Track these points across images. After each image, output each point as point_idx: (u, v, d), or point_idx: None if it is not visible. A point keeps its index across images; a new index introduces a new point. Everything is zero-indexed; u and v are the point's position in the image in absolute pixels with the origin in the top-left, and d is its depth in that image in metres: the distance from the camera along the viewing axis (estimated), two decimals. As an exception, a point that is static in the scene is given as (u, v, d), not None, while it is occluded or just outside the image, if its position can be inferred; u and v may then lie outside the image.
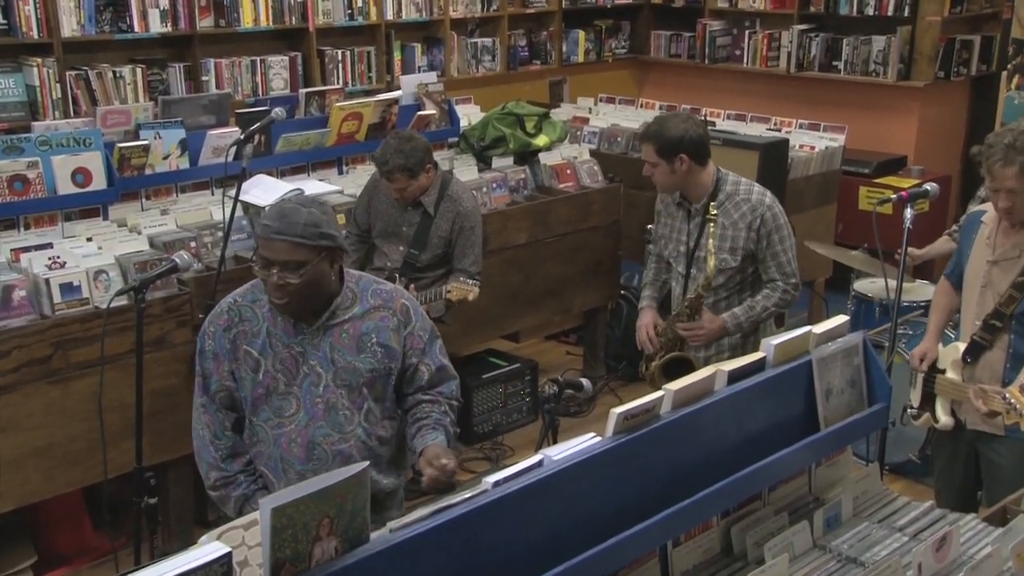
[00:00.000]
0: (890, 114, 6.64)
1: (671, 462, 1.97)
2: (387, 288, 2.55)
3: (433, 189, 4.05)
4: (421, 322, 2.54)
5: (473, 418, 4.77)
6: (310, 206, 2.40)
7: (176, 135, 4.22)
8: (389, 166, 3.88)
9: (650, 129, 3.40)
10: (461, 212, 4.04)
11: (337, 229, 2.43)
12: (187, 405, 3.71)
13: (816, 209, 5.61)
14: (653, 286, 3.74)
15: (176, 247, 3.82)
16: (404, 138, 3.93)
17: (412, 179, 3.92)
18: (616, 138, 5.95)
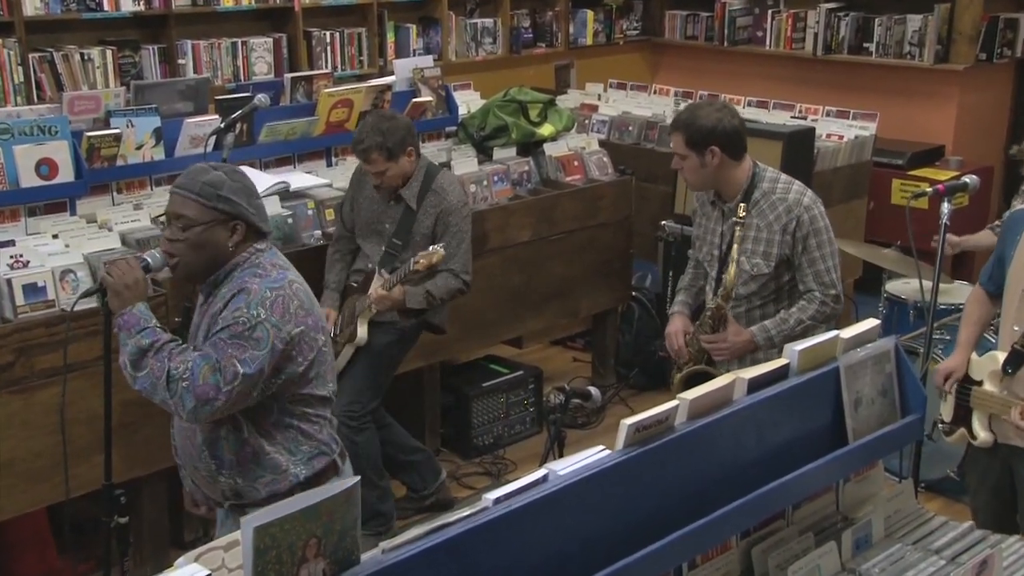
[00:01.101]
0: (926, 100, 6.65)
1: (686, 478, 1.98)
2: (256, 278, 2.59)
3: (415, 180, 4.02)
4: (234, 313, 2.54)
5: (472, 430, 4.77)
6: (223, 171, 2.63)
7: (150, 123, 4.23)
8: (365, 144, 3.86)
9: (680, 117, 3.38)
10: (446, 207, 4.00)
11: (249, 202, 2.61)
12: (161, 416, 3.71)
13: (845, 204, 5.61)
14: (688, 291, 3.69)
15: (150, 245, 3.83)
16: (384, 116, 3.92)
17: (391, 160, 3.89)
18: (627, 127, 5.95)
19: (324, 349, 2.69)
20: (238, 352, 2.53)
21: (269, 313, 2.54)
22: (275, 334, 2.54)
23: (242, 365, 2.52)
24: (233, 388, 2.53)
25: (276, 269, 2.63)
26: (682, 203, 5.28)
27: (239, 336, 2.53)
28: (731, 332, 3.40)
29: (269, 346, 2.54)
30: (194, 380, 2.53)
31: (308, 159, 4.80)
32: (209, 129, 4.12)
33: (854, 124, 5.79)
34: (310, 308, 2.64)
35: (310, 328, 2.61)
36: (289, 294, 2.59)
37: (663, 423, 1.94)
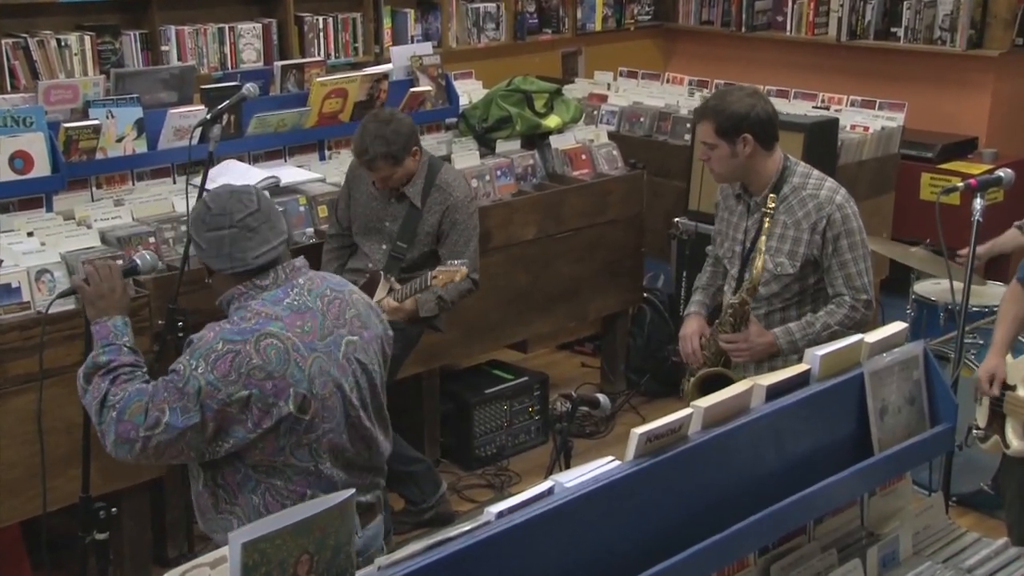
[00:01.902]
0: (958, 89, 6.64)
1: (701, 490, 1.98)
2: (225, 323, 2.52)
3: (419, 177, 4.04)
4: (180, 359, 2.50)
5: (474, 440, 4.78)
6: (198, 202, 2.66)
7: (131, 114, 4.24)
8: (370, 154, 3.89)
9: (709, 104, 3.37)
10: (452, 204, 4.03)
11: (198, 234, 2.57)
12: (144, 425, 3.72)
13: (871, 199, 5.61)
14: (706, 291, 3.69)
15: (132, 243, 3.84)
16: (383, 120, 3.93)
17: (396, 166, 3.93)
18: (639, 118, 5.96)
19: (303, 417, 2.49)
20: (173, 399, 2.43)
21: (208, 369, 2.42)
22: (208, 392, 2.41)
23: (170, 414, 2.42)
24: (153, 435, 2.43)
25: (258, 317, 2.49)
26: (696, 199, 5.28)
27: (174, 384, 2.44)
28: (753, 332, 3.39)
29: (198, 403, 2.42)
30: (121, 414, 2.46)
31: (299, 152, 4.81)
32: (194, 120, 4.13)
33: (880, 114, 5.78)
34: (276, 371, 2.44)
35: (267, 394, 2.43)
36: (247, 352, 2.43)
37: (676, 432, 1.94)
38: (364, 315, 2.69)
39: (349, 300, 2.67)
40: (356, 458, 2.65)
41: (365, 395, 2.65)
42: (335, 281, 2.72)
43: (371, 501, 2.72)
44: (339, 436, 2.58)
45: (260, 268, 2.55)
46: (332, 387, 2.54)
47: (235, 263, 2.54)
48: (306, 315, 2.55)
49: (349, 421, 2.60)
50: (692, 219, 5.29)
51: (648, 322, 5.46)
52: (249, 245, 2.54)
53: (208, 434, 2.46)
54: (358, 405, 2.62)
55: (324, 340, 2.55)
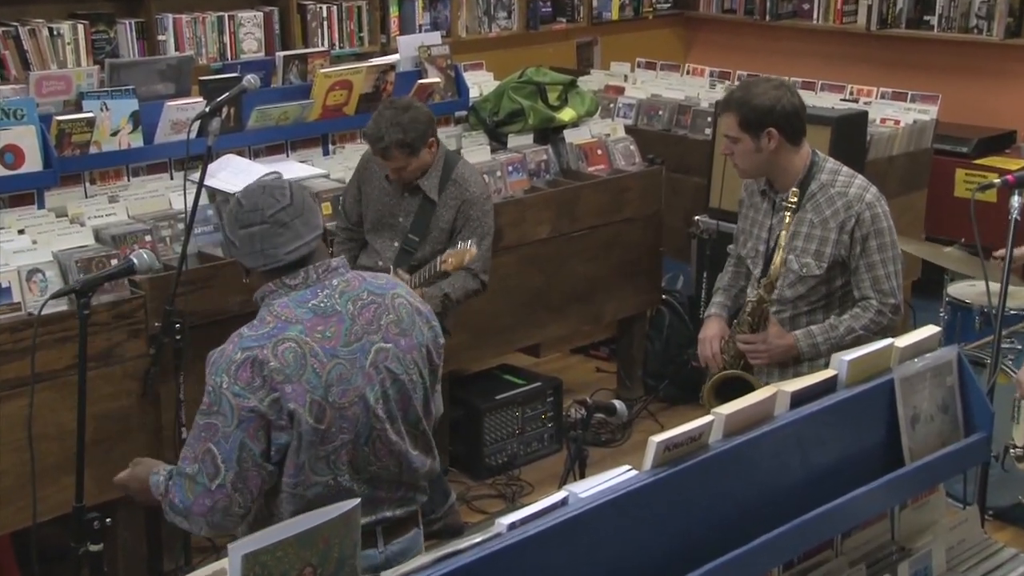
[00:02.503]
0: (995, 80, 6.62)
1: (722, 501, 1.98)
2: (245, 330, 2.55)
3: (435, 170, 4.06)
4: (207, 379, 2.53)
5: (484, 448, 4.78)
6: (232, 200, 2.64)
7: (127, 107, 4.25)
8: (385, 142, 3.89)
9: (734, 95, 3.37)
10: (468, 199, 4.05)
11: (232, 232, 2.59)
12: (140, 431, 3.73)
13: (902, 197, 5.59)
14: (727, 292, 3.68)
15: (127, 241, 3.86)
16: (401, 107, 3.94)
17: (412, 156, 3.94)
18: (657, 111, 5.95)
19: (318, 427, 2.49)
20: (210, 435, 2.47)
21: (232, 381, 2.45)
22: (240, 404, 2.45)
23: (219, 447, 2.46)
24: (223, 479, 2.47)
25: (277, 320, 2.51)
26: (717, 196, 5.27)
27: (207, 413, 2.49)
28: (772, 333, 3.38)
29: (236, 419, 2.45)
30: (188, 503, 2.50)
31: (302, 147, 4.81)
32: (192, 113, 4.14)
33: (912, 107, 5.77)
34: (294, 375, 2.46)
35: (289, 398, 2.45)
36: (265, 355, 2.45)
37: (696, 441, 1.94)
38: (406, 322, 2.65)
39: (389, 305, 2.63)
40: (383, 472, 2.64)
41: (393, 407, 2.61)
42: (379, 284, 2.68)
43: (401, 516, 2.71)
44: (360, 449, 2.56)
45: (292, 265, 2.56)
46: (353, 396, 2.53)
47: (267, 259, 2.55)
48: (331, 319, 2.54)
49: (373, 434, 2.58)
50: (713, 217, 5.28)
51: (667, 325, 5.46)
52: (280, 241, 2.54)
53: (262, 444, 2.48)
54: (384, 417, 2.59)
55: (349, 346, 2.54)
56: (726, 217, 4.98)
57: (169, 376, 3.72)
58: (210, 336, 3.79)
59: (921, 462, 2.23)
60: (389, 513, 2.66)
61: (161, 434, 3.77)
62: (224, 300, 3.84)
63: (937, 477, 2.31)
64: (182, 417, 3.66)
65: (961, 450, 2.30)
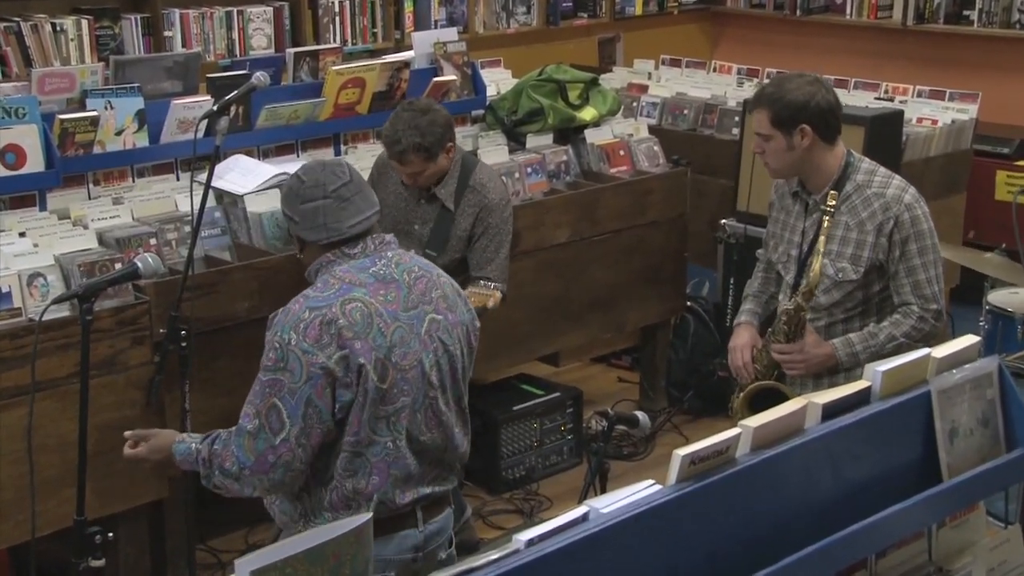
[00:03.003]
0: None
1: (750, 518, 1.97)
2: (310, 291, 2.74)
3: (451, 176, 4.06)
4: (271, 338, 2.70)
5: (501, 461, 4.78)
6: (292, 177, 2.89)
7: (132, 105, 4.27)
8: (402, 145, 3.89)
9: (766, 91, 3.36)
10: (487, 205, 4.05)
11: (292, 208, 2.80)
12: (143, 442, 3.72)
13: (940, 200, 5.57)
14: (757, 299, 3.68)
15: (132, 244, 3.87)
16: (419, 109, 3.95)
17: (429, 161, 3.94)
18: (682, 111, 5.95)
19: (382, 387, 2.68)
20: (276, 391, 2.64)
21: (301, 338, 2.63)
22: (308, 361, 2.62)
23: (284, 403, 2.63)
24: (288, 434, 2.64)
25: (341, 283, 2.71)
26: (745, 199, 5.26)
27: (273, 370, 2.65)
28: (809, 342, 3.37)
29: (304, 375, 2.63)
30: (247, 462, 2.67)
31: (313, 147, 4.82)
32: (200, 112, 4.16)
33: (951, 106, 5.75)
34: (362, 333, 2.66)
35: (358, 353, 2.64)
36: (334, 313, 2.65)
37: (722, 454, 1.93)
38: (451, 298, 2.89)
39: (436, 281, 2.87)
40: (430, 445, 2.80)
41: (445, 377, 2.82)
42: (423, 261, 2.94)
43: (437, 494, 2.86)
44: (415, 415, 2.75)
45: (353, 237, 2.77)
46: (413, 360, 2.73)
47: (331, 233, 2.75)
48: (391, 285, 2.76)
49: (426, 401, 2.77)
50: (740, 221, 5.27)
51: (692, 333, 5.45)
52: (344, 215, 2.76)
53: (327, 401, 2.64)
54: (437, 385, 2.79)
55: (407, 312, 2.75)
56: (754, 221, 4.98)
57: (174, 385, 3.73)
58: (217, 343, 3.83)
59: (960, 478, 2.22)
60: (428, 490, 2.82)
61: (165, 445, 3.78)
62: (231, 306, 3.85)
63: (977, 494, 2.30)
64: (188, 427, 3.67)
65: (1002, 466, 2.29)
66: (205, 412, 3.77)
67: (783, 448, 2.01)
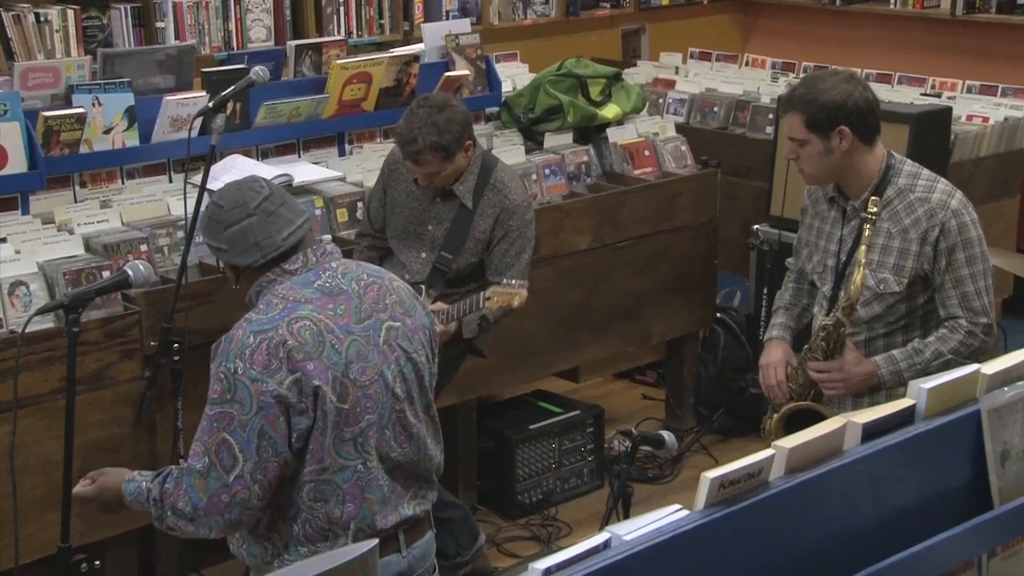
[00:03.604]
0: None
1: (784, 547, 1.97)
2: (253, 315, 2.70)
3: (470, 174, 4.05)
4: (216, 368, 2.66)
5: (516, 484, 4.78)
6: (207, 205, 2.87)
7: (121, 101, 4.29)
8: (418, 145, 3.88)
9: (797, 92, 3.35)
10: (508, 207, 4.04)
11: (216, 238, 2.76)
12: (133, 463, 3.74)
13: (991, 203, 5.56)
14: (789, 312, 3.66)
15: (121, 251, 3.88)
16: (435, 106, 3.93)
17: (447, 161, 3.93)
18: (712, 108, 5.95)
19: (342, 407, 2.64)
20: (225, 425, 2.60)
21: (248, 365, 2.59)
22: (258, 389, 2.58)
23: (235, 436, 2.59)
24: (242, 470, 2.60)
25: (285, 301, 2.67)
26: (780, 202, 5.26)
27: (220, 403, 2.61)
28: (849, 360, 3.36)
29: (255, 406, 2.59)
30: (201, 503, 2.62)
31: (316, 146, 4.84)
32: (194, 109, 4.17)
33: (1003, 102, 5.73)
34: (314, 352, 2.62)
35: (311, 375, 2.60)
36: (281, 336, 2.60)
37: (754, 477, 1.93)
38: (407, 303, 2.85)
39: (389, 286, 2.83)
40: (403, 461, 2.78)
41: (411, 387, 2.79)
42: (371, 268, 2.91)
43: (418, 515, 2.84)
44: (383, 432, 2.72)
45: (289, 251, 2.73)
46: (373, 374, 2.70)
47: (265, 251, 2.71)
48: (339, 297, 2.72)
49: (393, 416, 2.74)
50: (774, 226, 5.27)
51: (722, 347, 5.44)
52: (273, 229, 2.72)
53: (282, 431, 2.61)
54: (403, 397, 2.77)
55: (361, 324, 2.72)
56: (789, 226, 4.96)
57: (166, 402, 3.74)
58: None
59: (1012, 504, 2.21)
60: (408, 511, 2.80)
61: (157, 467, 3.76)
62: (228, 317, 3.82)
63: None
64: (180, 447, 3.68)
65: (1057, 491, 2.28)
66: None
67: (820, 471, 2.00)
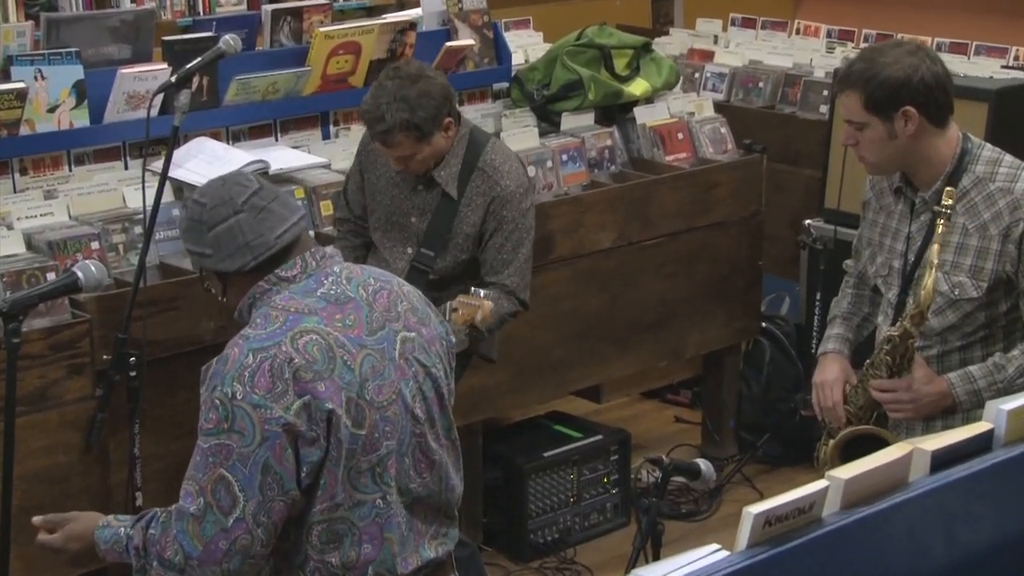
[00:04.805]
0: None
1: (840, 594, 1.97)
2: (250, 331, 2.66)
3: (454, 157, 4.03)
4: (210, 394, 2.62)
5: (528, 520, 4.78)
6: (187, 205, 2.84)
7: (69, 75, 4.29)
8: (387, 123, 3.85)
9: (855, 68, 3.33)
10: (499, 195, 4.01)
11: (198, 241, 2.73)
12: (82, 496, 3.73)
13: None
14: (847, 322, 3.66)
15: (69, 249, 3.88)
16: (407, 77, 3.90)
17: (422, 142, 3.90)
18: (756, 83, 5.94)
19: (358, 433, 2.62)
20: (222, 459, 2.57)
21: (248, 389, 2.56)
22: (263, 416, 2.56)
23: (234, 472, 2.56)
24: (243, 511, 2.57)
25: (286, 313, 2.64)
26: (836, 193, 5.25)
27: (215, 433, 2.58)
28: (918, 377, 3.34)
29: (258, 436, 2.55)
30: (195, 552, 2.59)
31: (295, 128, 4.84)
32: (154, 84, 4.17)
33: (1097, 77, 5.72)
34: (324, 371, 2.60)
35: (323, 398, 2.58)
36: (285, 353, 2.58)
37: (805, 513, 1.93)
38: (421, 310, 2.85)
39: (399, 292, 2.83)
40: (422, 493, 2.76)
41: (431, 407, 2.79)
42: (378, 271, 2.90)
43: (441, 557, 2.83)
44: (402, 461, 2.71)
45: (283, 252, 2.70)
46: (390, 393, 2.69)
47: (257, 251, 2.68)
48: (347, 306, 2.70)
49: (413, 440, 2.74)
50: (829, 221, 5.26)
51: (768, 362, 5.44)
52: (266, 226, 2.69)
53: (290, 465, 2.58)
54: (423, 419, 2.76)
55: (374, 335, 2.70)
56: (847, 221, 4.96)
57: (121, 425, 3.74)
58: (174, 373, 3.84)
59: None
60: (431, 553, 2.79)
61: (110, 500, 3.79)
62: (194, 326, 3.86)
63: None
64: (137, 479, 3.68)
65: None
66: (159, 459, 3.78)
67: (882, 506, 2.00)
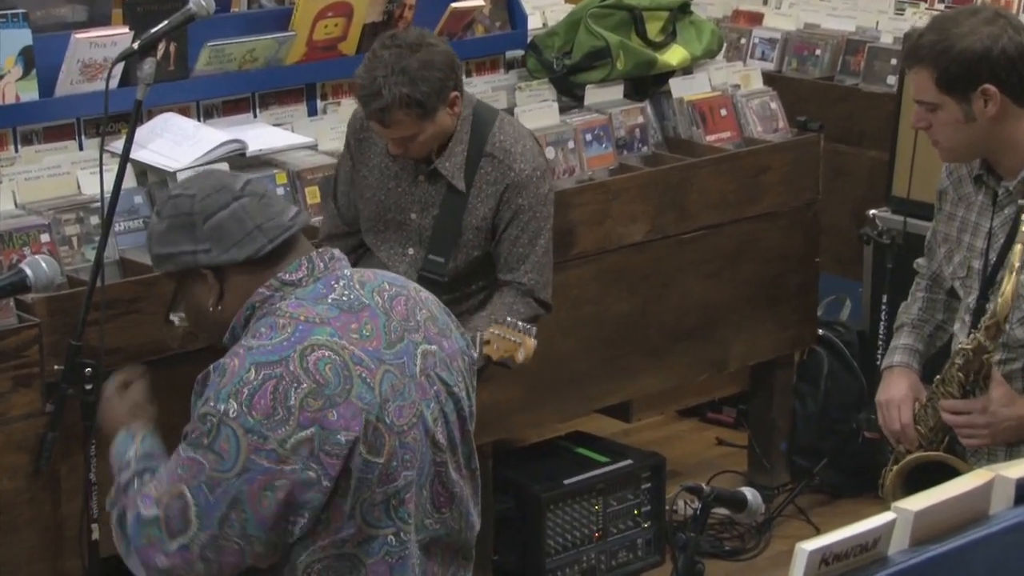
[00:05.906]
0: None
1: (909, 645, 1.96)
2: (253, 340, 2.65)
3: (458, 141, 4.03)
4: (201, 407, 2.63)
5: (546, 558, 4.79)
6: (163, 201, 2.86)
7: (14, 40, 4.30)
8: (384, 100, 3.85)
9: (924, 40, 3.35)
10: (513, 181, 4.02)
11: (192, 236, 2.72)
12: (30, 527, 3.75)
13: None
14: (917, 331, 3.69)
15: (15, 242, 3.90)
16: (407, 45, 3.90)
17: (425, 120, 3.90)
18: (812, 51, 5.94)
19: (375, 461, 2.60)
20: (191, 475, 2.57)
21: (244, 409, 2.55)
22: (253, 445, 2.54)
23: (195, 496, 2.56)
24: (190, 541, 2.57)
25: (295, 322, 2.63)
26: (905, 179, 5.25)
27: (194, 445, 2.59)
28: (996, 397, 3.36)
29: (239, 464, 2.54)
30: (137, 543, 2.63)
31: (277, 102, 4.86)
32: (114, 51, 4.18)
33: None
34: (339, 395, 2.58)
35: (333, 429, 2.56)
36: (293, 374, 2.57)
37: (868, 551, 1.94)
38: (441, 320, 2.86)
39: (417, 298, 2.84)
40: (440, 532, 2.77)
41: (453, 431, 2.79)
42: (390, 275, 2.93)
43: None
44: (420, 493, 2.71)
45: (285, 249, 2.72)
46: (411, 416, 2.68)
47: (272, 233, 2.70)
48: (362, 314, 2.70)
49: (432, 470, 2.73)
50: (898, 211, 5.27)
51: (826, 375, 5.45)
52: (274, 210, 2.74)
53: (266, 510, 2.55)
54: (444, 446, 2.75)
55: (392, 348, 2.70)
56: (918, 212, 4.96)
57: (74, 446, 3.75)
58: (136, 385, 3.84)
59: None
60: None
61: (62, 532, 3.80)
62: (158, 331, 3.86)
63: None
64: (93, 508, 3.68)
65: None
66: (118, 484, 3.78)
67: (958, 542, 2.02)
